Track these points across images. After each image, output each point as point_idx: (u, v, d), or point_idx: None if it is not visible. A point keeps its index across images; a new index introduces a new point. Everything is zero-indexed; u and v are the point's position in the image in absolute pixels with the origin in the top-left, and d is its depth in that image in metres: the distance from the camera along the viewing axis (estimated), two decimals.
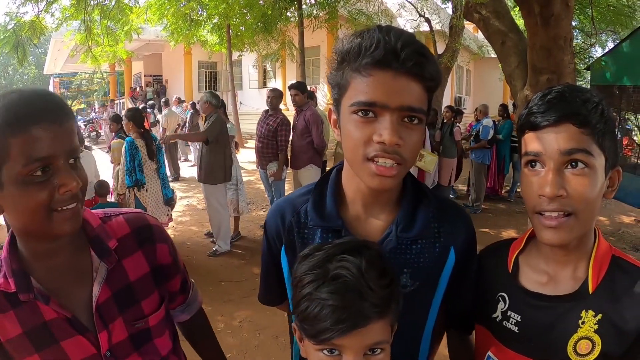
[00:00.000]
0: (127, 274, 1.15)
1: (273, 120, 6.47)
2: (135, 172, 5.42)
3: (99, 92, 31.60)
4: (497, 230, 7.55)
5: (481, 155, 8.57)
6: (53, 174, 0.95)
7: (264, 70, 21.56)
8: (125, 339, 1.15)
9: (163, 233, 1.26)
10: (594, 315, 1.03)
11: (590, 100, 1.01)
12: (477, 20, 4.85)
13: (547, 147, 1.01)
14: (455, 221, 1.20)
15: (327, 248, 0.99)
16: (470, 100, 24.00)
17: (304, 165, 6.44)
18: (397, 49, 0.94)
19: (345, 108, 1.02)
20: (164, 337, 1.27)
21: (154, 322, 1.21)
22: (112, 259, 1.12)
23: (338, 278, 0.93)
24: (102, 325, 1.10)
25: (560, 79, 3.99)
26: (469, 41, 17.18)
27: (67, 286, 1.08)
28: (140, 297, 1.18)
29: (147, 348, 1.21)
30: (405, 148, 0.98)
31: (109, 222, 1.17)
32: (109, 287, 1.11)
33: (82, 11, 9.58)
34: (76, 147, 0.99)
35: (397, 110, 0.96)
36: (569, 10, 3.88)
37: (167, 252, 1.25)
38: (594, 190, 1.00)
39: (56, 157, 0.95)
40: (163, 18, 13.29)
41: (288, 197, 1.30)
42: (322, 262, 0.97)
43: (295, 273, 1.02)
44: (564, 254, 1.10)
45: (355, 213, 1.16)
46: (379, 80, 0.95)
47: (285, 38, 15.15)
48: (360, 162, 1.00)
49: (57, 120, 0.95)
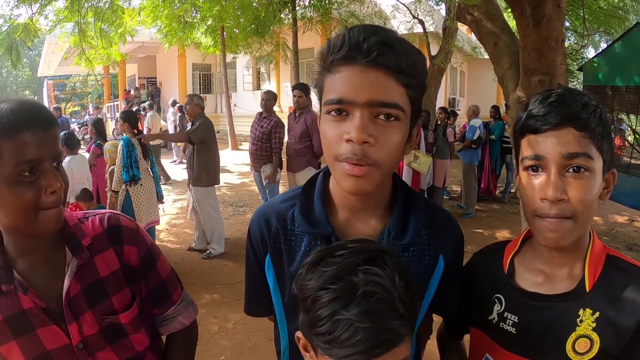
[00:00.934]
0: (97, 269, 1.21)
1: (267, 122, 6.43)
2: (132, 167, 5.50)
3: (93, 95, 31.45)
4: (491, 230, 7.57)
5: (469, 155, 8.59)
6: (40, 175, 1.04)
7: (258, 72, 21.53)
8: (97, 332, 1.20)
9: (135, 236, 1.29)
10: (592, 313, 1.04)
11: (590, 104, 1.01)
12: (469, 22, 4.87)
13: (549, 151, 1.01)
14: (445, 227, 1.18)
15: (342, 256, 0.90)
16: (464, 102, 24.01)
17: (302, 168, 6.37)
18: (360, 41, 0.91)
19: (322, 109, 0.99)
20: (140, 334, 1.30)
21: (126, 319, 1.25)
22: (84, 255, 1.18)
23: (370, 296, 0.83)
24: (72, 317, 1.16)
25: (552, 80, 4.01)
26: (463, 42, 17.21)
27: (44, 279, 1.16)
28: (111, 292, 1.23)
29: (122, 343, 1.26)
30: (378, 147, 0.93)
31: (86, 222, 1.25)
32: (79, 281, 1.18)
33: (75, 13, 9.53)
34: (60, 152, 1.09)
35: (366, 105, 0.91)
36: (560, 12, 3.89)
37: (134, 254, 1.28)
38: (592, 193, 1.01)
39: (42, 160, 1.04)
40: (157, 20, 13.24)
41: (271, 202, 1.24)
42: (342, 274, 0.87)
43: (304, 286, 0.91)
44: (561, 255, 1.10)
45: (344, 218, 1.13)
46: (346, 76, 0.92)
47: (279, 40, 15.15)
48: (332, 162, 0.97)
49: (44, 127, 1.05)
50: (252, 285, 1.29)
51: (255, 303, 1.32)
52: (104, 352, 1.22)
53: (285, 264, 1.15)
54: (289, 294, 1.14)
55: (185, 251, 6.52)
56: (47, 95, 29.85)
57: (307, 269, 0.93)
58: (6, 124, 1.00)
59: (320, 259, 0.92)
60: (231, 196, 9.89)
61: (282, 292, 1.19)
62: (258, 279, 1.24)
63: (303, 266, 0.95)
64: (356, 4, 12.99)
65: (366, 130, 0.91)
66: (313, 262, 0.93)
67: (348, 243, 0.94)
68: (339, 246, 0.94)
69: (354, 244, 0.93)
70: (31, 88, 47.82)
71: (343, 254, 0.90)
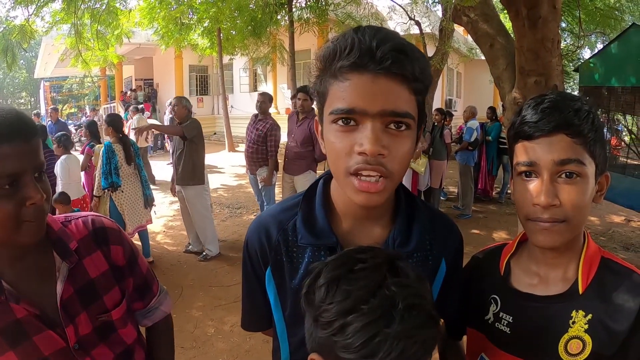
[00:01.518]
0: (87, 272, 1.23)
1: (263, 125, 6.39)
2: (111, 174, 5.49)
3: (90, 96, 31.48)
4: (487, 231, 7.58)
5: (465, 157, 8.61)
6: (20, 187, 1.03)
7: (254, 73, 21.56)
8: (91, 331, 1.23)
9: (118, 236, 1.32)
10: (584, 315, 1.04)
11: (582, 110, 1.02)
12: (465, 23, 4.87)
13: (541, 158, 1.02)
14: (446, 232, 1.18)
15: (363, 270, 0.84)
16: (460, 103, 24.06)
17: (303, 172, 6.27)
18: (373, 48, 0.85)
19: (326, 117, 0.94)
20: (128, 327, 1.34)
21: (117, 315, 1.28)
22: (73, 259, 1.19)
23: (412, 308, 0.80)
24: (67, 320, 1.17)
25: (548, 81, 4.01)
26: (459, 44, 17.24)
27: (34, 286, 1.16)
28: (102, 292, 1.25)
29: (113, 338, 1.29)
30: (391, 158, 0.89)
31: (69, 226, 1.25)
32: (71, 284, 1.19)
33: (72, 15, 9.53)
34: (41, 162, 1.08)
35: (378, 115, 0.87)
36: (556, 13, 3.89)
37: (121, 254, 1.31)
38: (585, 197, 1.02)
39: (23, 172, 1.03)
40: (154, 22, 13.25)
41: (270, 212, 1.18)
42: (374, 291, 0.81)
43: (326, 310, 0.83)
44: (555, 256, 1.11)
45: (348, 227, 1.09)
46: (357, 84, 0.87)
47: (276, 41, 15.16)
48: (343, 176, 0.92)
49: (23, 139, 1.03)
50: (251, 299, 1.24)
51: (254, 318, 1.28)
52: (98, 349, 1.24)
53: (287, 277, 1.11)
54: (290, 307, 1.12)
55: (182, 253, 6.52)
56: (43, 96, 29.80)
57: (327, 290, 0.85)
58: None
59: (337, 277, 0.85)
60: (228, 198, 9.89)
61: (284, 305, 1.15)
62: (257, 293, 1.20)
63: (318, 287, 0.87)
64: (353, 6, 13.01)
65: (380, 142, 0.87)
66: (329, 281, 0.85)
67: (355, 254, 0.89)
68: (348, 258, 0.89)
69: (364, 255, 0.88)
70: (28, 89, 47.81)
71: (363, 268, 0.84)
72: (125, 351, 1.33)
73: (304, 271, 1.07)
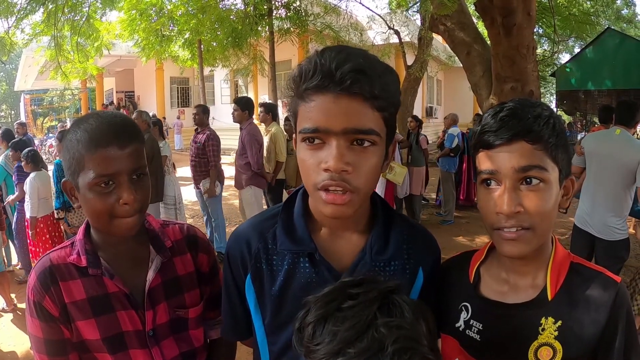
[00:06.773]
0: (176, 268, 1.37)
1: (200, 137, 6.29)
2: (63, 194, 5.14)
3: (71, 109, 31.17)
4: (470, 236, 7.62)
5: (446, 163, 8.68)
6: (116, 187, 1.16)
7: (236, 85, 21.55)
8: (167, 322, 1.34)
9: (207, 246, 1.47)
10: (554, 322, 1.05)
11: (542, 116, 1.02)
12: (442, 32, 4.94)
13: (502, 166, 1.01)
14: (423, 243, 1.21)
15: (352, 308, 0.79)
16: (441, 110, 24.25)
17: (245, 186, 6.20)
18: (332, 70, 0.90)
19: (297, 136, 0.99)
20: (199, 331, 1.44)
21: (193, 314, 1.39)
22: (166, 254, 1.34)
23: (403, 352, 0.74)
24: (150, 305, 1.30)
25: (525, 86, 4.07)
26: (439, 51, 17.35)
27: (127, 270, 1.30)
28: (185, 289, 1.38)
29: (183, 336, 1.39)
30: (355, 174, 0.94)
31: (167, 228, 1.41)
32: (161, 275, 1.33)
33: (52, 27, 9.46)
34: (139, 165, 1.20)
35: (342, 134, 0.92)
36: (530, 20, 3.95)
37: (206, 262, 1.45)
38: (549, 203, 1.02)
39: (120, 174, 1.15)
40: (134, 34, 13.19)
41: (250, 222, 1.23)
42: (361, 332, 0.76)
43: (314, 351, 0.80)
44: (523, 264, 1.11)
45: (326, 235, 1.13)
46: (320, 105, 0.92)
47: (257, 53, 15.16)
48: (312, 190, 0.98)
49: (124, 143, 1.15)
50: (231, 308, 1.26)
51: (234, 327, 1.29)
52: (167, 341, 1.35)
53: (266, 284, 1.14)
54: (270, 314, 1.14)
55: None
56: (24, 109, 29.50)
57: (313, 329, 0.81)
58: (91, 139, 1.13)
59: (325, 316, 0.81)
60: None
61: (263, 313, 1.17)
62: (236, 302, 1.22)
63: (307, 325, 0.83)
64: (332, 16, 13.06)
65: (343, 159, 0.92)
66: (318, 319, 0.81)
67: (347, 287, 0.85)
68: (339, 293, 0.84)
69: (357, 289, 0.83)
70: (8, 102, 47.22)
71: (352, 305, 0.79)
72: (190, 352, 1.41)
73: (284, 278, 1.11)
